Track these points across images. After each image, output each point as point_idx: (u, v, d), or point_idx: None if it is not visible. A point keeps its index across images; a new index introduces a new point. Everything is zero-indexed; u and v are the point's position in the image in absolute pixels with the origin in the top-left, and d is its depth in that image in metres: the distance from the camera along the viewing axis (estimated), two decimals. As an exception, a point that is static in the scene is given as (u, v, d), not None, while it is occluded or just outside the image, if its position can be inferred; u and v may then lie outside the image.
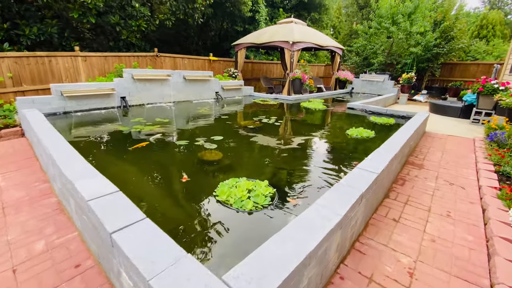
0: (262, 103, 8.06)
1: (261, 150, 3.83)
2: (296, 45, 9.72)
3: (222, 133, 4.48)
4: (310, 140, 4.29)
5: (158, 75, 6.83)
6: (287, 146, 3.99)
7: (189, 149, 3.59)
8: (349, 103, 7.48)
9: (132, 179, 2.73)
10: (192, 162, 3.27)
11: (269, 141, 4.21)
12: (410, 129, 4.27)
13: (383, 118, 6.02)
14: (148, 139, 3.95)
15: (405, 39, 13.18)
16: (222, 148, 3.71)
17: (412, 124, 4.68)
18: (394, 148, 3.24)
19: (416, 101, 12.43)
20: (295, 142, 4.15)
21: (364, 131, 4.63)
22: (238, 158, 3.52)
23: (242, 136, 4.37)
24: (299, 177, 2.98)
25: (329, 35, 29.08)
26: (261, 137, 4.35)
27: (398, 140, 3.58)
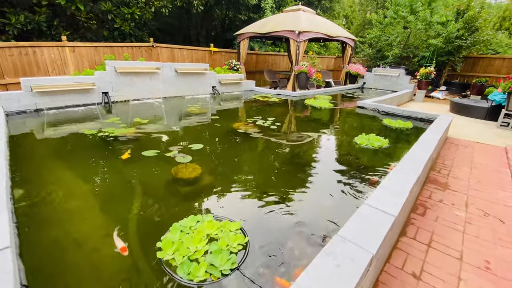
0: (262, 100, 7.31)
1: (247, 165, 3.14)
2: (303, 35, 8.84)
3: (206, 139, 3.81)
4: (308, 152, 3.56)
5: (145, 68, 6.17)
6: (278, 160, 3.28)
7: (157, 164, 2.93)
8: (359, 102, 6.64)
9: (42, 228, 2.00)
10: (159, 182, 2.61)
11: (259, 151, 3.51)
12: (434, 139, 3.48)
13: (398, 121, 5.19)
14: (112, 147, 3.32)
15: (424, 30, 12.03)
16: (201, 160, 3.04)
17: (435, 132, 3.88)
18: (415, 168, 2.49)
19: (434, 98, 11.39)
20: (289, 155, 3.44)
21: (376, 139, 3.85)
22: (217, 175, 2.85)
23: (228, 144, 3.68)
24: (282, 215, 2.27)
25: (341, 25, 27.70)
26: (251, 146, 3.65)
27: (420, 157, 2.81)
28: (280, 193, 2.51)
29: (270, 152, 3.48)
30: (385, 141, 3.84)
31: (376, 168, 3.14)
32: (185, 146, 3.37)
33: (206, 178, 2.78)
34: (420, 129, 5.01)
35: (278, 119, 5.12)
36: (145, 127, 4.20)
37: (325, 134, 4.28)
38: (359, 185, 2.73)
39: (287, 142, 3.81)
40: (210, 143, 3.64)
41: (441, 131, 4.06)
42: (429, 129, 4.03)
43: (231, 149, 3.52)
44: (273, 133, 4.17)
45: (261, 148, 3.61)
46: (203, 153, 3.27)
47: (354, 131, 4.58)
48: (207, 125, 4.54)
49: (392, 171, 2.43)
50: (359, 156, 3.44)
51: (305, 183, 2.77)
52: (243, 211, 2.16)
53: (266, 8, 12.60)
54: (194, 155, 3.16)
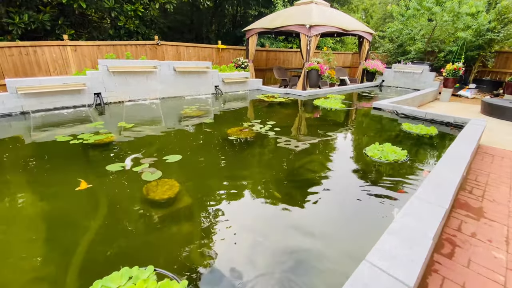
0: (267, 100, 6.76)
1: (231, 183, 2.63)
2: (314, 29, 8.15)
3: (189, 148, 3.33)
4: (305, 167, 2.97)
5: (141, 67, 5.80)
6: (266, 177, 2.74)
7: (120, 181, 2.48)
8: (375, 102, 5.92)
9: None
10: (120, 206, 2.16)
11: (247, 166, 2.99)
12: (465, 153, 2.80)
13: (420, 125, 4.46)
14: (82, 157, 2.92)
15: (451, 22, 10.90)
16: (174, 176, 2.57)
17: (467, 142, 3.17)
18: (441, 200, 1.88)
19: (462, 97, 10.31)
20: (282, 170, 2.88)
21: (391, 150, 3.20)
22: (194, 197, 2.36)
23: (212, 156, 3.17)
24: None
25: (360, 19, 26.40)
26: (240, 158, 3.13)
27: (448, 181, 2.17)
28: (253, 234, 1.97)
29: (259, 167, 2.95)
30: (403, 153, 3.18)
31: (387, 194, 2.51)
32: (160, 157, 2.91)
33: (182, 200, 2.30)
34: (447, 136, 4.27)
35: (279, 123, 4.56)
36: (126, 133, 3.79)
37: (330, 143, 3.67)
38: (368, 229, 2.12)
39: (281, 157, 3.25)
40: (192, 154, 3.15)
41: (473, 140, 3.33)
42: (459, 138, 3.32)
43: (214, 162, 3.01)
44: (269, 142, 3.62)
45: (251, 162, 3.08)
46: (180, 167, 2.80)
47: (366, 139, 3.93)
48: (196, 130, 4.06)
49: (408, 202, 1.83)
50: (367, 174, 2.81)
51: (287, 218, 2.21)
52: (211, 253, 1.66)
53: (277, 2, 11.96)
54: (168, 169, 2.69)
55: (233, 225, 1.95)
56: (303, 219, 2.08)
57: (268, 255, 1.67)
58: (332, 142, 3.69)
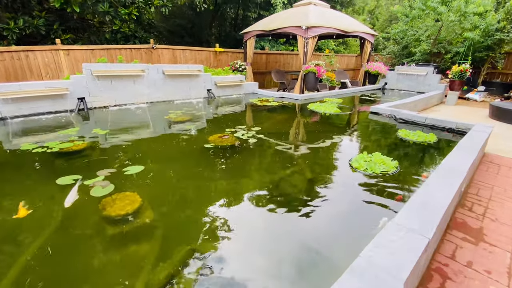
0: (260, 104, 6.49)
1: (200, 195, 2.37)
2: (311, 30, 7.87)
3: (161, 157, 3.08)
4: (282, 180, 2.67)
5: (127, 71, 5.62)
6: (239, 190, 2.46)
7: (65, 196, 2.24)
8: (372, 106, 5.58)
9: None
10: (66, 231, 1.92)
11: (220, 175, 2.71)
12: (463, 165, 2.46)
13: (418, 132, 4.10)
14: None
15: (458, 22, 10.43)
16: (131, 190, 2.32)
17: (467, 151, 2.82)
18: (426, 227, 1.56)
19: (470, 100, 9.80)
20: (257, 183, 2.59)
21: (380, 161, 2.87)
22: (155, 213, 2.10)
23: (182, 166, 2.91)
24: None
25: (365, 21, 25.99)
26: (213, 167, 2.86)
27: (438, 202, 1.85)
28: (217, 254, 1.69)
29: (233, 179, 2.67)
30: (393, 164, 2.84)
31: (370, 212, 2.18)
32: (121, 168, 2.66)
33: (142, 217, 2.05)
34: (447, 143, 3.90)
35: (265, 129, 4.27)
36: (97, 140, 3.57)
37: (313, 152, 3.35)
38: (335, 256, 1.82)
39: (258, 167, 2.96)
40: (161, 164, 2.90)
41: (475, 149, 2.97)
42: (458, 148, 2.96)
43: (184, 173, 2.74)
44: (248, 150, 3.34)
45: (224, 172, 2.80)
46: (143, 179, 2.54)
47: (355, 147, 3.60)
48: (174, 137, 3.81)
49: (384, 229, 1.52)
50: (347, 189, 2.48)
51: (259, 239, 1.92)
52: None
53: (276, 4, 11.73)
54: (128, 181, 2.44)
55: (199, 245, 1.68)
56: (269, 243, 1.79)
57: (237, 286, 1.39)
58: (316, 151, 3.37)
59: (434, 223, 1.59)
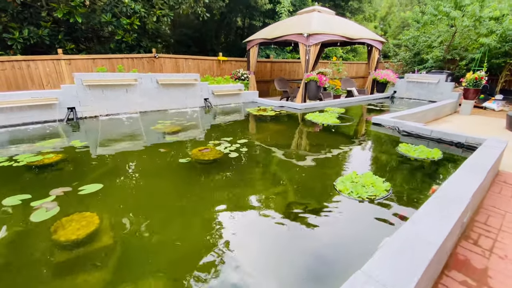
0: (256, 114, 6.22)
1: (165, 217, 2.11)
2: (313, 37, 7.59)
3: (131, 173, 2.85)
4: (255, 203, 2.36)
5: (120, 80, 5.53)
6: (207, 213, 2.18)
7: (6, 219, 2.03)
8: (375, 117, 5.19)
9: None
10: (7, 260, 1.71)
11: (191, 194, 2.45)
12: (466, 193, 2.07)
13: (421, 147, 3.69)
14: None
15: (472, 27, 9.87)
16: (95, 208, 2.09)
17: (474, 172, 2.42)
18: (406, 279, 1.21)
19: (487, 109, 9.15)
20: (226, 205, 2.30)
21: (370, 183, 2.51)
22: (115, 235, 1.86)
23: (152, 183, 2.66)
24: None
25: (377, 28, 25.50)
26: (185, 185, 2.61)
27: (427, 240, 1.49)
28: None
29: (203, 199, 2.39)
30: (384, 186, 2.47)
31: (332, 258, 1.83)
32: (76, 187, 2.44)
33: (97, 241, 1.82)
34: (454, 160, 3.47)
35: (252, 141, 3.99)
36: (71, 153, 3.40)
37: (298, 171, 3.02)
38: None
39: (232, 186, 2.68)
40: (125, 182, 2.66)
41: (484, 169, 2.56)
42: (464, 168, 2.56)
43: (149, 193, 2.49)
44: (226, 166, 3.06)
45: (195, 191, 2.53)
46: (102, 199, 2.31)
47: (347, 164, 3.24)
48: (151, 150, 3.59)
49: (347, 282, 1.19)
50: (324, 221, 2.14)
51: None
52: None
53: (281, 12, 11.58)
54: (78, 203, 2.21)
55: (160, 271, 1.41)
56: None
57: None
58: (302, 169, 3.04)
59: (415, 275, 1.23)
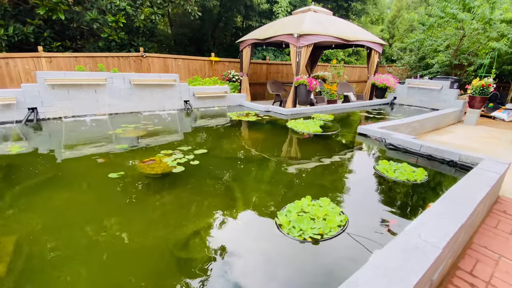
0: (236, 119, 5.75)
1: (73, 245, 1.66)
2: (304, 38, 7.09)
3: (38, 191, 2.42)
4: (176, 239, 1.89)
5: (87, 80, 5.15)
6: (125, 244, 1.71)
7: None
8: (361, 127, 4.64)
9: None
10: None
11: (114, 216, 2.00)
12: (443, 237, 1.54)
13: (404, 165, 3.14)
14: None
15: (482, 30, 9.17)
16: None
17: (460, 205, 1.88)
18: None
19: (496, 119, 8.44)
20: (151, 240, 1.84)
21: (324, 213, 2.00)
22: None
23: (52, 208, 2.21)
24: None
25: (384, 31, 24.77)
26: (109, 205, 2.16)
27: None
28: None
29: (124, 228, 1.94)
30: (338, 220, 1.94)
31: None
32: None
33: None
34: (440, 185, 2.90)
35: (211, 151, 3.52)
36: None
37: (245, 192, 2.53)
38: None
39: (160, 214, 2.21)
40: (33, 199, 2.23)
41: (473, 203, 2.02)
42: (446, 199, 2.02)
43: (55, 217, 2.05)
44: (165, 184, 2.60)
45: (119, 213, 2.08)
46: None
47: (305, 186, 2.72)
48: (88, 158, 3.16)
49: None
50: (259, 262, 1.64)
51: None
52: None
53: (278, 13, 11.12)
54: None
55: None
56: None
57: None
58: (251, 191, 2.53)
59: None
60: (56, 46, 8.69)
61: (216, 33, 13.33)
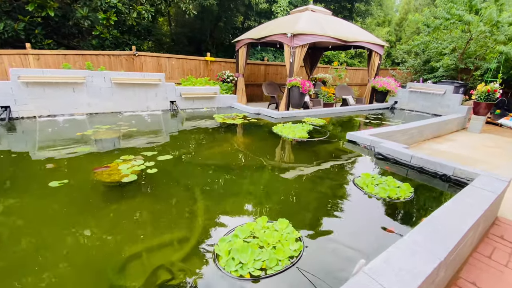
0: (220, 121, 5.45)
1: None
2: (298, 38, 6.76)
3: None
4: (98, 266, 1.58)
5: (65, 78, 4.92)
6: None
7: None
8: (349, 133, 4.29)
9: None
10: None
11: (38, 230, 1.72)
12: (418, 276, 1.18)
13: (389, 179, 2.78)
14: None
15: (489, 33, 8.69)
16: None
17: (443, 236, 1.53)
18: None
19: (504, 127, 7.96)
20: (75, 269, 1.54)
21: (275, 240, 1.67)
22: None
23: None
24: None
25: (391, 34, 24.23)
26: (39, 216, 1.88)
27: None
28: None
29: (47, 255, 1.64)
30: (292, 250, 1.61)
31: None
32: None
33: None
34: (424, 205, 2.54)
35: (177, 159, 3.22)
36: None
37: (196, 206, 2.21)
38: None
39: (101, 233, 1.91)
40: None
41: (458, 233, 1.67)
42: (427, 227, 1.68)
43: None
44: (111, 197, 2.31)
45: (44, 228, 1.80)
46: None
47: (266, 203, 2.39)
48: (35, 164, 2.88)
49: None
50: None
51: None
52: None
53: (277, 12, 10.81)
54: None
55: None
56: None
57: None
58: (203, 210, 2.22)
59: None
60: (48, 43, 8.55)
61: (216, 33, 13.09)
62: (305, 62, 11.41)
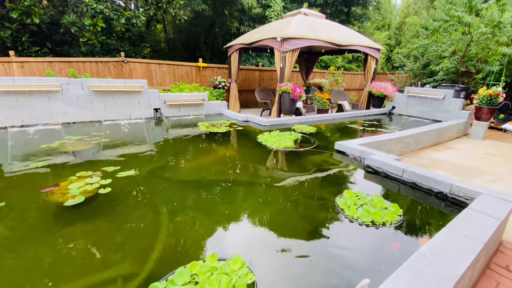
0: (203, 130, 5.14)
1: None
2: (288, 42, 6.49)
3: None
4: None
5: (37, 86, 4.66)
6: None
7: None
8: (338, 143, 3.95)
9: None
10: None
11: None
12: None
13: (376, 198, 2.43)
14: None
15: (491, 35, 8.36)
16: None
17: (432, 284, 1.17)
18: None
19: (508, 132, 7.57)
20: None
21: (222, 286, 1.32)
22: None
23: None
24: None
25: (390, 38, 23.99)
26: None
27: None
28: None
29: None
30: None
31: None
32: None
33: None
34: (415, 233, 2.18)
35: (142, 172, 2.90)
36: None
37: (139, 244, 1.88)
38: None
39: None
40: None
41: (452, 278, 1.31)
42: (402, 274, 1.33)
43: None
44: (49, 221, 1.99)
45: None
46: None
47: (231, 233, 2.05)
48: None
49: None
50: None
51: None
52: None
53: (271, 17, 10.59)
54: None
55: None
56: None
57: None
58: (149, 246, 1.88)
59: None
60: (35, 50, 8.38)
61: (210, 39, 12.91)
62: (301, 67, 11.15)
